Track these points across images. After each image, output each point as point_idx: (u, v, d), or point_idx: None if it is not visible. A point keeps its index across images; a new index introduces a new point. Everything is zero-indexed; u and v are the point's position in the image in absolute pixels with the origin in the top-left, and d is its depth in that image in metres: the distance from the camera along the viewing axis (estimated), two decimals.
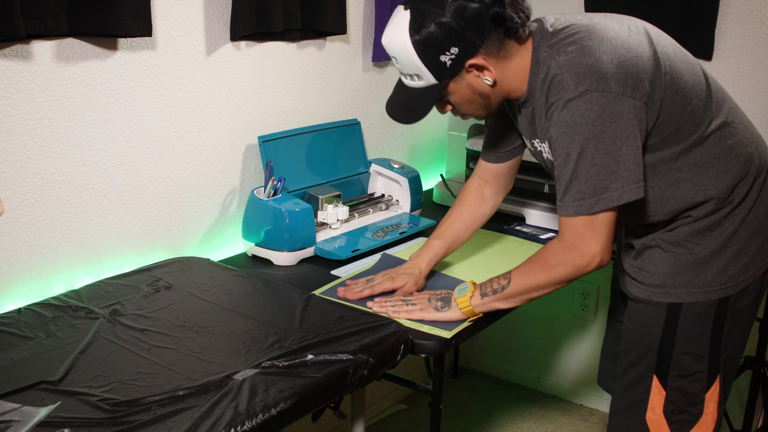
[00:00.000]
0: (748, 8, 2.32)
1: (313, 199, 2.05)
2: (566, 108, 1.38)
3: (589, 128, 1.37)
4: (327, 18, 2.09)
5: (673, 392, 1.56)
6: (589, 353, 2.88)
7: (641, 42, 1.43)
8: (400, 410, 2.86)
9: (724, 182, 1.48)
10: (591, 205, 1.40)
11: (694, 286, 1.51)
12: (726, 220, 1.50)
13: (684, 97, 1.44)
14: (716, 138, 1.47)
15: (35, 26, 1.51)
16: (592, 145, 1.37)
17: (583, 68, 1.38)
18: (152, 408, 1.21)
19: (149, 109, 1.78)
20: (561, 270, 1.48)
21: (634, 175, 1.39)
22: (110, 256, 1.78)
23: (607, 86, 1.36)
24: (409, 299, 1.64)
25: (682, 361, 1.54)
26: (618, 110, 1.36)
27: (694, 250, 1.51)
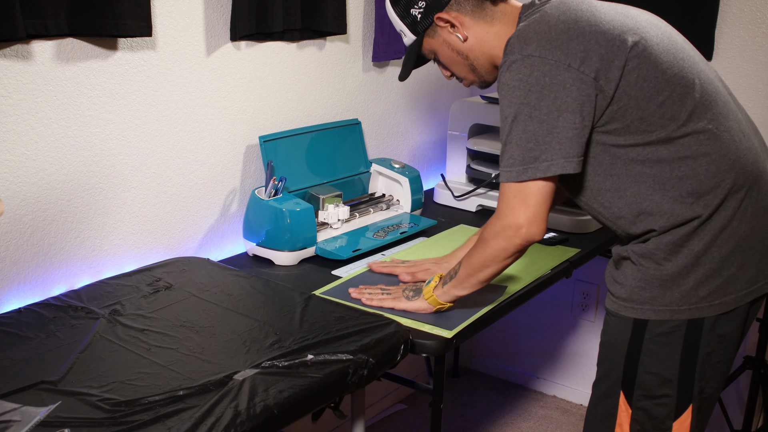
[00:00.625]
0: (748, 8, 2.32)
1: (313, 198, 2.05)
2: (508, 70, 1.36)
3: (525, 93, 1.34)
4: (327, 18, 2.09)
5: (639, 412, 1.47)
6: (589, 353, 2.88)
7: (616, 23, 1.38)
8: (400, 410, 2.86)
9: (686, 187, 1.38)
10: (519, 173, 1.36)
11: (661, 303, 1.41)
12: (695, 235, 1.38)
13: (654, 87, 1.36)
14: (690, 141, 1.37)
15: (35, 26, 1.51)
16: (526, 111, 1.34)
17: (533, 33, 1.35)
18: (152, 408, 1.21)
19: (149, 109, 1.78)
20: (494, 243, 1.44)
21: (567, 149, 1.34)
22: (110, 256, 1.78)
23: (551, 54, 1.33)
24: (387, 289, 1.68)
25: (646, 380, 1.45)
26: (560, 80, 1.32)
27: (663, 266, 1.41)
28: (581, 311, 2.87)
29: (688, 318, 1.40)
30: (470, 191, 2.36)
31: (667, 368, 1.43)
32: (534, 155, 1.34)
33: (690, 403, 1.45)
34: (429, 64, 1.67)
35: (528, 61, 1.33)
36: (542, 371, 3.03)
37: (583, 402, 2.93)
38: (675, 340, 1.42)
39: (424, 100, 2.66)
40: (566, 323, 2.91)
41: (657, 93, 1.36)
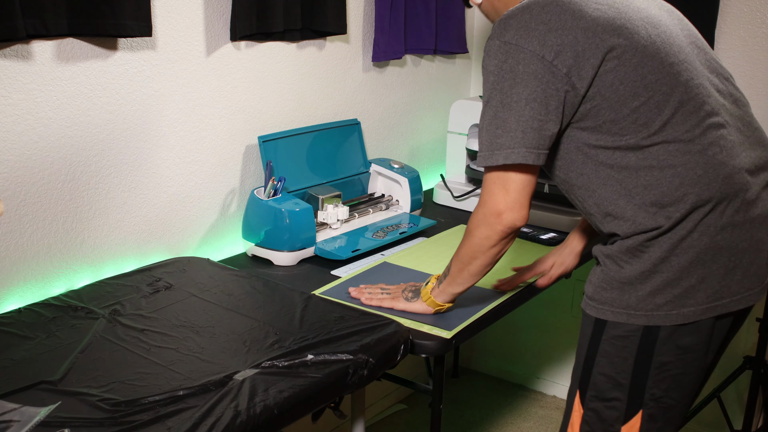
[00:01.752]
0: (748, 8, 2.32)
1: (313, 199, 2.05)
2: (487, 54, 1.38)
3: (498, 79, 1.35)
4: (327, 18, 2.09)
5: (589, 413, 1.48)
6: None
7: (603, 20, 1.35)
8: (400, 410, 2.86)
9: (650, 196, 1.36)
10: (485, 158, 1.37)
11: (618, 305, 1.41)
12: (655, 242, 1.37)
13: (631, 91, 1.34)
14: (659, 150, 1.35)
15: (35, 26, 1.51)
16: (497, 98, 1.35)
17: (514, 20, 1.36)
18: (152, 408, 1.21)
19: (149, 109, 1.78)
20: (477, 232, 1.44)
21: (529, 139, 1.34)
22: (110, 256, 1.78)
23: (528, 43, 1.33)
24: (387, 288, 1.67)
25: (599, 381, 1.45)
26: (532, 69, 1.32)
27: (623, 268, 1.40)
28: (581, 311, 2.87)
29: (644, 324, 1.39)
30: (470, 191, 2.36)
31: (619, 371, 1.43)
32: (500, 142, 1.35)
33: (640, 408, 1.43)
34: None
35: (505, 47, 1.34)
36: (542, 371, 3.03)
37: None
38: (630, 345, 1.41)
39: (424, 100, 2.66)
40: (566, 323, 2.91)
41: (632, 98, 1.34)
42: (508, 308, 1.73)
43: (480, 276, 1.52)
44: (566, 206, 2.19)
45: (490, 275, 1.73)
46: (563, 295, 2.87)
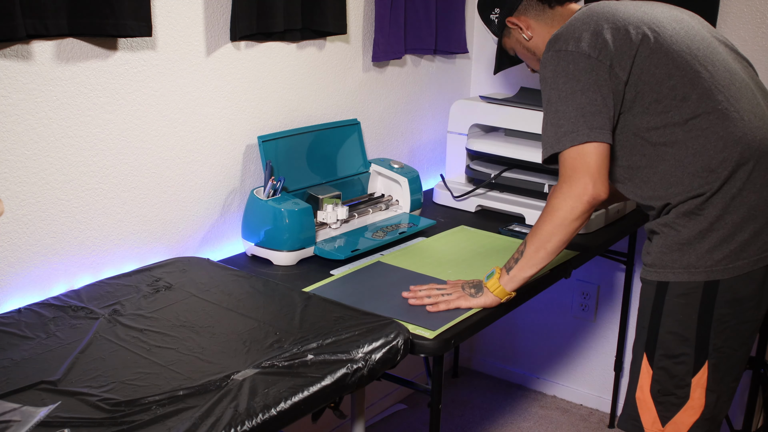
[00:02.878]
0: (748, 8, 2.32)
1: (312, 199, 2.05)
2: (543, 66, 1.60)
3: (554, 81, 1.56)
4: (327, 18, 2.09)
5: (660, 372, 1.61)
6: (589, 353, 2.89)
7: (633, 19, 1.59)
8: (400, 410, 2.86)
9: (700, 162, 1.54)
10: (552, 145, 1.56)
11: (679, 265, 1.57)
12: (709, 203, 1.54)
13: (665, 72, 1.55)
14: (701, 121, 1.54)
15: (35, 26, 1.51)
16: (555, 95, 1.56)
17: (561, 33, 1.59)
18: (152, 408, 1.21)
19: (149, 109, 1.79)
20: (563, 205, 1.56)
21: (590, 121, 1.52)
22: (110, 256, 1.78)
23: (575, 46, 1.55)
24: (444, 289, 1.71)
25: (667, 340, 1.60)
26: (582, 66, 1.54)
27: (681, 232, 1.57)
28: (581, 311, 2.87)
29: (704, 279, 1.55)
30: (469, 191, 2.36)
31: (685, 327, 1.58)
32: (563, 129, 1.54)
33: (706, 359, 1.58)
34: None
35: (556, 55, 1.57)
36: (542, 371, 3.03)
37: (584, 402, 2.94)
38: (693, 301, 1.57)
39: (424, 100, 2.66)
40: (566, 323, 2.91)
41: (668, 77, 1.54)
42: (508, 308, 1.73)
43: (555, 255, 1.63)
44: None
45: None
46: (563, 295, 2.87)
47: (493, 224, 2.19)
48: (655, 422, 1.64)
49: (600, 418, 2.85)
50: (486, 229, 2.18)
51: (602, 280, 2.80)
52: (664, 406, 1.62)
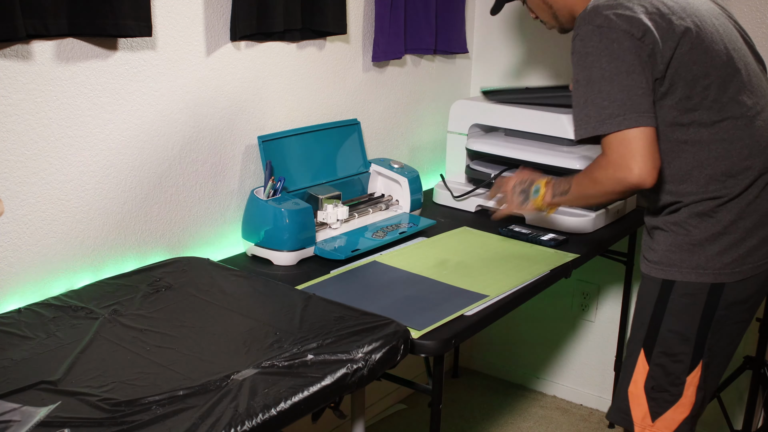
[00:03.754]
0: (748, 8, 2.32)
1: (312, 199, 2.05)
2: (581, 40, 1.52)
3: (597, 58, 1.49)
4: (327, 18, 2.09)
5: (656, 368, 1.63)
6: (589, 353, 2.89)
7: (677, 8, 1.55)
8: (400, 410, 2.86)
9: (721, 167, 1.55)
10: (594, 127, 1.50)
11: (688, 266, 1.58)
12: (724, 207, 1.56)
13: (702, 71, 1.53)
14: (728, 125, 1.54)
15: (35, 26, 1.51)
16: (598, 74, 1.49)
17: (602, 8, 1.52)
18: (152, 408, 1.21)
19: (149, 109, 1.79)
20: (607, 183, 1.55)
21: (637, 105, 1.47)
22: (110, 256, 1.78)
23: (618, 24, 1.48)
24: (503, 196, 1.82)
25: (668, 338, 1.61)
26: (626, 46, 1.48)
27: (692, 232, 1.58)
28: (581, 311, 2.87)
29: (711, 281, 1.57)
30: (470, 191, 2.36)
31: (687, 327, 1.59)
32: (609, 112, 1.48)
33: (701, 359, 1.61)
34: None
35: (598, 30, 1.50)
36: (542, 371, 3.03)
37: (583, 402, 2.94)
38: (698, 301, 1.58)
39: (424, 100, 2.66)
40: (566, 323, 2.91)
41: (703, 77, 1.53)
42: (508, 308, 1.73)
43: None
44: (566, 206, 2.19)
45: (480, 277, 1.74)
46: (563, 295, 2.87)
47: (492, 224, 2.19)
48: (645, 417, 1.65)
49: (600, 418, 2.85)
50: (486, 229, 2.18)
51: (602, 280, 2.80)
52: (656, 402, 1.64)
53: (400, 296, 1.72)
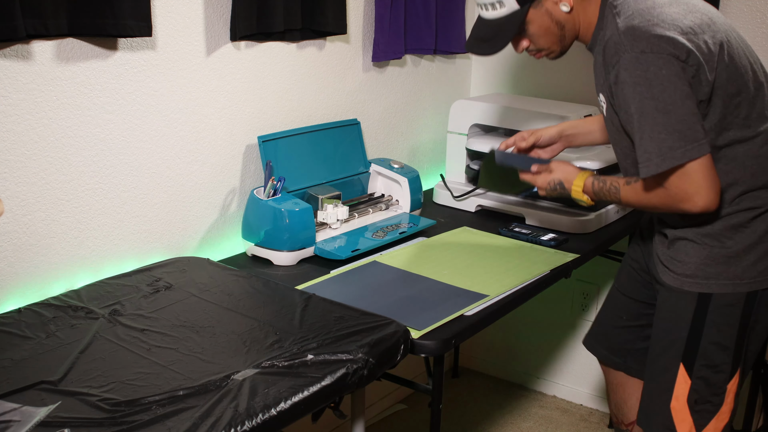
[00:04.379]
0: (748, 8, 2.32)
1: (312, 199, 2.05)
2: (626, 69, 1.45)
3: (647, 88, 1.43)
4: (327, 18, 2.09)
5: (698, 381, 1.62)
6: (589, 353, 2.88)
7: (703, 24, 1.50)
8: (400, 410, 2.86)
9: (757, 182, 1.55)
10: (657, 165, 1.45)
11: (725, 277, 1.57)
12: (759, 219, 1.56)
13: (735, 90, 1.50)
14: (759, 140, 1.54)
15: (35, 26, 1.51)
16: (651, 105, 1.43)
17: (640, 30, 1.45)
18: (152, 408, 1.21)
19: (149, 109, 1.79)
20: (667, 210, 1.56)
21: (694, 133, 1.43)
22: (110, 256, 1.78)
23: (662, 47, 1.43)
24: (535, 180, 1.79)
25: (709, 351, 1.60)
26: (674, 71, 1.43)
27: (727, 244, 1.57)
28: (581, 311, 2.87)
29: (748, 290, 1.57)
30: (469, 191, 2.36)
31: (726, 337, 1.59)
32: (668, 145, 1.43)
33: (739, 366, 1.63)
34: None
35: (643, 57, 1.44)
36: (542, 371, 3.03)
37: (583, 402, 2.94)
38: (736, 311, 1.58)
39: (424, 100, 2.66)
40: (566, 323, 2.91)
41: (737, 95, 1.51)
42: (508, 308, 1.73)
43: None
44: (566, 206, 2.19)
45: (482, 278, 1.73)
46: (563, 295, 2.87)
47: (493, 224, 2.19)
48: (691, 430, 1.65)
49: (600, 418, 2.85)
50: (486, 229, 2.18)
51: (602, 280, 2.80)
52: (700, 415, 1.63)
53: (400, 296, 1.71)
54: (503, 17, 1.59)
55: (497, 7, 1.58)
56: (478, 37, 1.65)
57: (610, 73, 1.51)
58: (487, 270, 1.86)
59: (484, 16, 1.63)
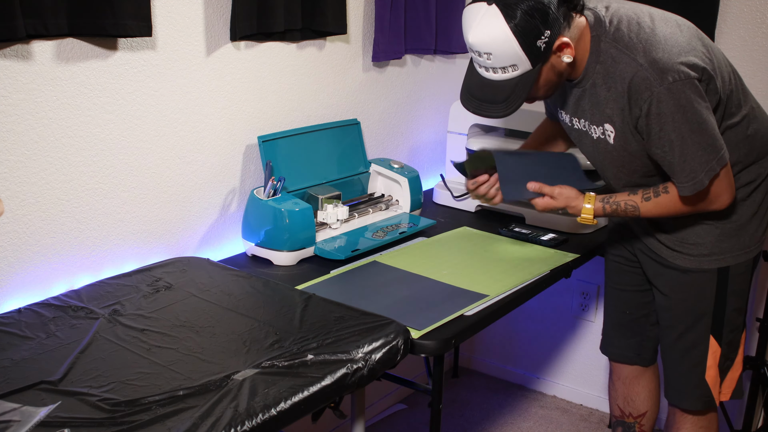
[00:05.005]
0: (748, 8, 2.32)
1: (312, 199, 2.05)
2: (660, 102, 1.53)
3: (683, 115, 1.53)
4: (327, 18, 2.09)
5: (725, 346, 1.78)
6: (589, 353, 2.88)
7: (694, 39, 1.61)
8: (400, 410, 2.86)
9: (751, 158, 1.70)
10: (702, 181, 1.58)
11: (738, 248, 1.72)
12: (757, 190, 1.71)
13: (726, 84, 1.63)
14: (746, 122, 1.68)
15: (35, 26, 1.51)
16: (687, 128, 1.54)
17: (663, 63, 1.53)
18: (152, 408, 1.21)
19: (149, 109, 1.79)
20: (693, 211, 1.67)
21: (719, 141, 1.57)
22: (110, 256, 1.78)
23: (686, 74, 1.53)
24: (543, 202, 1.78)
25: (732, 317, 1.76)
26: (698, 92, 1.54)
27: (733, 218, 1.71)
28: (581, 311, 2.87)
29: (755, 254, 1.75)
30: None
31: (742, 300, 1.78)
32: (705, 159, 1.56)
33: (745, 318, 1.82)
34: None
35: (674, 86, 1.52)
36: (542, 371, 3.03)
37: (583, 402, 2.94)
38: (748, 276, 1.77)
39: (424, 100, 2.66)
40: (566, 323, 2.91)
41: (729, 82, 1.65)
42: (508, 308, 1.73)
43: None
44: None
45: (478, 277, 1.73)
46: (563, 295, 2.87)
47: (493, 224, 2.19)
48: (719, 388, 1.82)
49: (600, 418, 2.85)
50: (486, 229, 2.18)
51: (602, 280, 2.79)
52: (723, 372, 1.81)
53: (400, 296, 1.72)
54: (516, 78, 1.56)
55: (509, 71, 1.55)
56: (484, 100, 1.62)
57: (637, 107, 1.57)
58: (487, 270, 1.86)
59: (491, 77, 1.58)
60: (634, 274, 1.95)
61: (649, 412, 2.09)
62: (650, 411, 2.09)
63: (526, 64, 1.54)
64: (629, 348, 2.04)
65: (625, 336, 2.04)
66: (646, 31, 1.58)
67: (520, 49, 1.51)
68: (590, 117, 1.69)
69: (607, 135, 1.67)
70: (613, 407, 2.15)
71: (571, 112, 1.74)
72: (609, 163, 1.73)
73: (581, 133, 1.75)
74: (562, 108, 1.77)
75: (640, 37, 1.57)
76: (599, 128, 1.68)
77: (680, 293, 1.78)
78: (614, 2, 1.66)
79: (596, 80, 1.63)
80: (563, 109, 1.77)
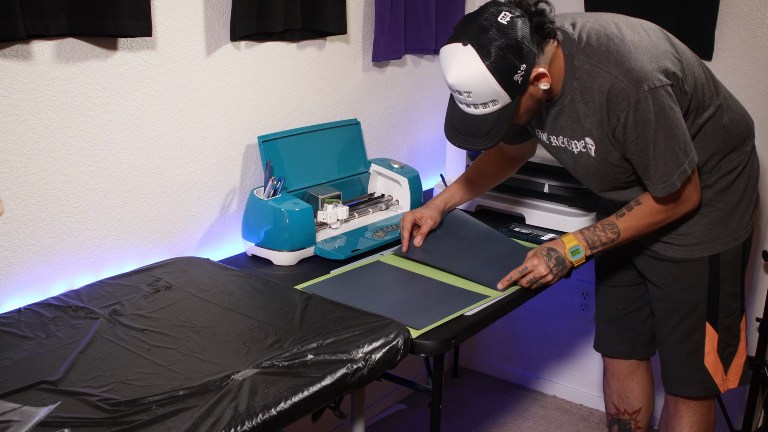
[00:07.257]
0: (748, 8, 2.32)
1: (312, 199, 2.05)
2: (636, 110, 1.58)
3: (656, 120, 1.59)
4: (327, 18, 2.09)
5: (723, 332, 1.83)
6: (589, 353, 2.88)
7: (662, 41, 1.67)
8: (400, 410, 2.86)
9: (730, 146, 1.76)
10: (674, 184, 1.64)
11: (726, 235, 1.77)
12: (739, 177, 1.77)
13: (696, 81, 1.68)
14: (720, 113, 1.73)
15: (35, 26, 1.51)
16: (661, 134, 1.60)
17: (637, 72, 1.57)
18: (152, 408, 1.21)
19: (149, 109, 1.79)
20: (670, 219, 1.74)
21: (689, 144, 1.64)
22: (110, 256, 1.78)
23: (658, 80, 1.58)
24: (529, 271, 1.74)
25: (727, 302, 1.81)
26: (670, 97, 1.60)
27: (719, 206, 1.76)
28: (581, 311, 2.87)
29: (743, 240, 1.81)
30: None
31: (735, 285, 1.83)
32: (678, 163, 1.62)
33: (743, 303, 1.88)
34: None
35: (649, 94, 1.58)
36: (542, 371, 3.03)
37: (584, 402, 2.94)
38: (738, 261, 1.82)
39: (424, 100, 2.66)
40: (566, 323, 2.91)
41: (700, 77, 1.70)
42: (508, 308, 1.73)
43: None
44: (566, 206, 2.19)
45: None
46: (563, 295, 2.87)
47: (493, 224, 2.19)
48: (722, 375, 1.86)
49: (600, 418, 2.85)
50: None
51: None
52: (726, 359, 1.85)
53: (400, 296, 1.72)
54: (496, 111, 1.59)
55: (489, 105, 1.58)
56: (468, 134, 1.64)
57: (615, 117, 1.61)
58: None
59: (473, 112, 1.61)
60: (625, 270, 1.99)
61: (644, 408, 2.11)
62: (645, 407, 2.11)
63: (506, 98, 1.57)
64: (623, 343, 2.07)
65: (619, 331, 2.07)
66: (616, 42, 1.61)
67: (498, 86, 1.54)
68: (570, 133, 1.72)
69: (589, 148, 1.71)
70: (608, 405, 2.17)
71: (548, 130, 1.77)
72: (592, 175, 1.77)
73: (560, 149, 1.79)
74: (539, 128, 1.80)
75: (611, 48, 1.61)
76: (580, 143, 1.72)
77: (674, 284, 1.83)
78: (579, 17, 1.70)
79: (574, 96, 1.66)
80: (540, 128, 1.80)
